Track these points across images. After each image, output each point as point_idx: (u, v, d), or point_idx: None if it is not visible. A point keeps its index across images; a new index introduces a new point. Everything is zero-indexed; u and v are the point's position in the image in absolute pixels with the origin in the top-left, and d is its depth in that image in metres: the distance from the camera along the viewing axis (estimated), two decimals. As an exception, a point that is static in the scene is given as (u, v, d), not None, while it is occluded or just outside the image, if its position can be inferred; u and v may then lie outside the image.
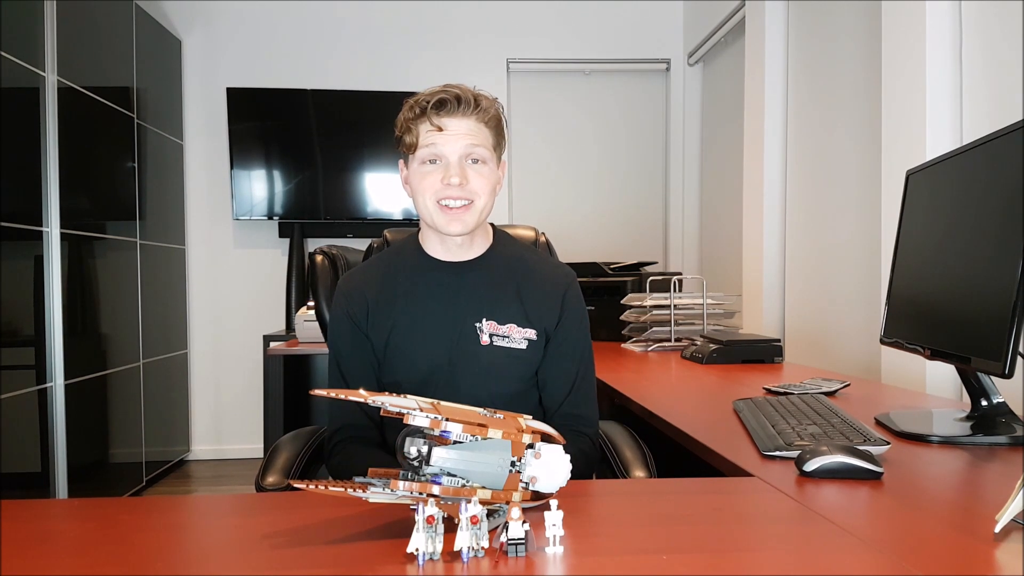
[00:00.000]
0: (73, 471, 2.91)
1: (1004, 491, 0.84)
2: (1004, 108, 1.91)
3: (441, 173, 1.21)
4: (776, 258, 3.18)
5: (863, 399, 1.62)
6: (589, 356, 1.35)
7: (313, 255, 1.67)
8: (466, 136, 1.21)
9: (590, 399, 1.34)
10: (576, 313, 1.33)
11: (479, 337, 1.26)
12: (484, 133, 1.23)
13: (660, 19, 4.43)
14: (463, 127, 1.21)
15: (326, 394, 0.77)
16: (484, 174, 1.23)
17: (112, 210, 3.40)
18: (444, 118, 1.20)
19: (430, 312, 1.27)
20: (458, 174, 1.20)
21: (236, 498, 1.24)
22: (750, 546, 0.79)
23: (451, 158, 1.21)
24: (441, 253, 1.30)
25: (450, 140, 1.20)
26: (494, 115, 1.25)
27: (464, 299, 1.28)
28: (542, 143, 4.43)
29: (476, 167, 1.22)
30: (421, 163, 1.23)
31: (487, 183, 1.23)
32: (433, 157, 1.22)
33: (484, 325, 1.26)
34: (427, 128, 1.21)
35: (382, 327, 1.27)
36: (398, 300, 1.28)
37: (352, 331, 1.28)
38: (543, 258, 1.43)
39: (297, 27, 4.27)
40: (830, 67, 2.82)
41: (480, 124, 1.22)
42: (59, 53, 2.86)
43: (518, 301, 1.29)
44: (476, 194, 1.22)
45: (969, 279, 1.19)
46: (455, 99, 1.20)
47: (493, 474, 0.78)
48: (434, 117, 1.20)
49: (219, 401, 4.29)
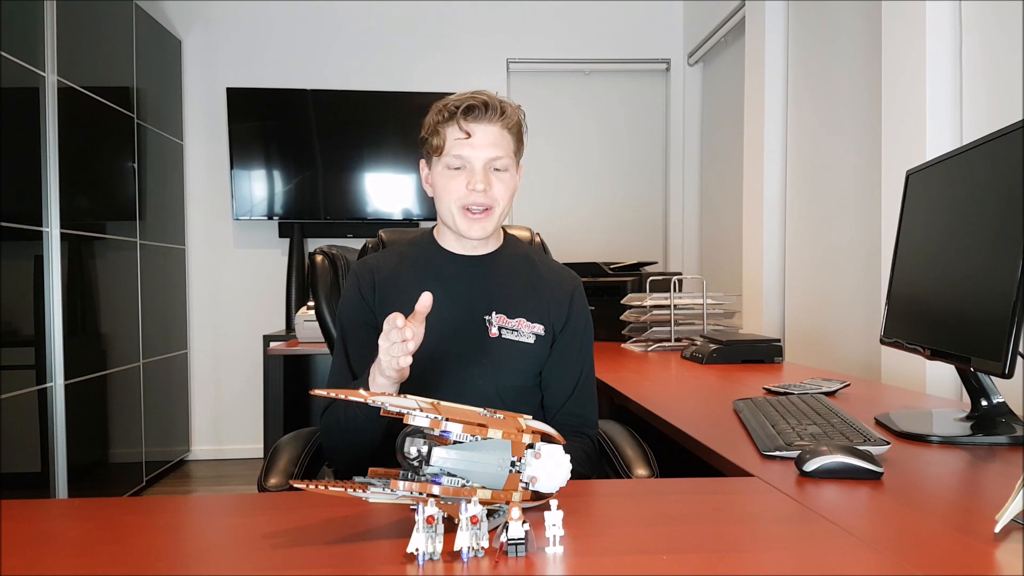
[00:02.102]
0: (73, 471, 2.91)
1: (1004, 491, 0.85)
2: (1004, 108, 1.91)
3: (466, 179, 1.24)
4: (776, 258, 3.18)
5: (863, 399, 1.62)
6: (592, 358, 1.39)
7: (313, 255, 1.68)
8: (492, 146, 1.25)
9: (592, 400, 1.37)
10: (582, 315, 1.37)
11: (488, 329, 1.29)
12: (507, 140, 1.27)
13: (660, 19, 4.43)
14: (489, 134, 1.24)
15: (326, 394, 0.77)
16: (505, 181, 1.27)
17: (112, 210, 3.40)
18: (472, 123, 1.24)
19: (439, 301, 1.28)
20: (483, 181, 1.24)
21: (236, 498, 1.24)
22: (750, 546, 0.79)
23: (476, 165, 1.24)
24: (455, 248, 1.34)
25: (477, 148, 1.24)
26: (517, 122, 1.29)
27: (475, 292, 1.31)
28: (542, 143, 4.42)
29: (498, 175, 1.26)
30: (446, 167, 1.26)
31: (507, 190, 1.27)
32: (459, 163, 1.25)
33: (494, 318, 1.29)
34: (455, 133, 1.24)
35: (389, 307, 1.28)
36: (408, 285, 1.30)
37: (359, 304, 1.31)
38: (548, 260, 1.47)
39: (297, 27, 4.27)
40: (830, 67, 2.82)
41: (504, 131, 1.26)
42: (59, 53, 2.86)
43: (528, 296, 1.33)
44: (497, 201, 1.26)
45: (969, 279, 1.19)
46: (483, 105, 1.24)
47: (493, 474, 0.78)
48: (462, 122, 1.24)
49: (219, 401, 4.29)
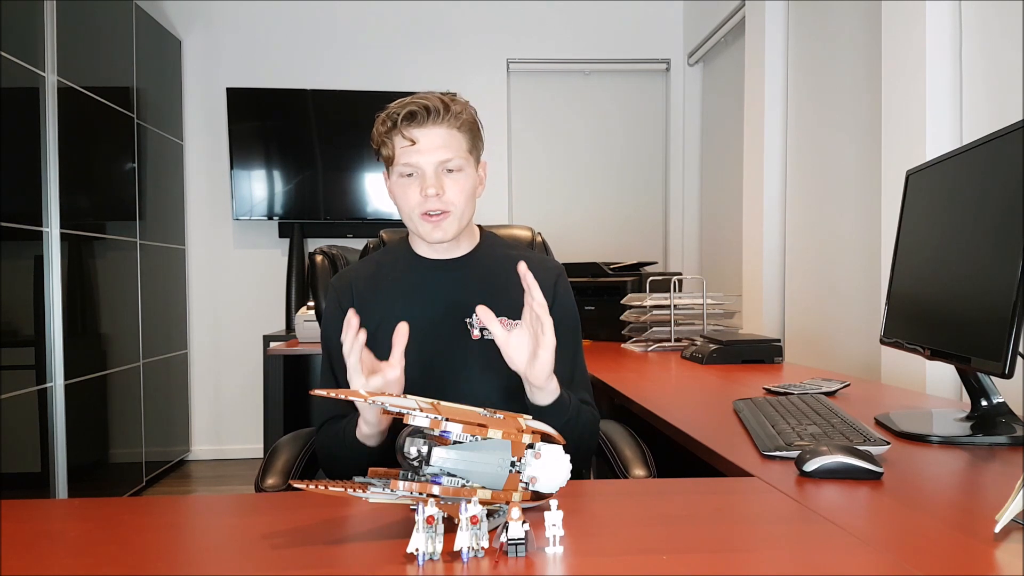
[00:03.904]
0: (73, 471, 2.91)
1: (1004, 491, 0.85)
2: (1004, 108, 1.91)
3: (419, 185, 1.22)
4: (776, 258, 3.18)
5: (863, 399, 1.62)
6: (581, 345, 1.38)
7: (313, 255, 1.68)
8: (440, 148, 1.22)
9: (588, 385, 1.37)
10: (568, 300, 1.36)
11: (470, 332, 1.28)
12: (457, 139, 1.24)
13: (660, 19, 4.43)
14: (436, 137, 1.21)
15: (326, 394, 0.77)
16: (460, 182, 1.24)
17: (112, 210, 3.40)
18: (415, 130, 1.21)
19: (418, 308, 1.28)
20: (434, 185, 1.21)
21: (236, 498, 1.24)
22: (750, 546, 0.79)
23: (427, 170, 1.22)
24: (428, 252, 1.33)
25: (424, 152, 1.21)
26: (467, 119, 1.25)
27: (454, 296, 1.29)
28: (542, 143, 4.43)
29: (452, 176, 1.24)
30: (399, 176, 1.25)
31: (463, 191, 1.25)
32: (409, 171, 1.23)
33: (475, 320, 1.28)
34: (400, 142, 1.22)
35: (370, 320, 1.27)
36: (386, 294, 1.30)
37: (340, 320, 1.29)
38: (530, 253, 1.46)
39: (297, 27, 4.27)
40: (830, 67, 2.82)
41: (452, 130, 1.23)
42: (59, 53, 2.86)
43: (509, 293, 1.27)
44: (452, 204, 1.24)
45: (969, 279, 1.19)
46: (424, 109, 1.20)
47: (493, 474, 0.78)
48: (405, 130, 1.21)
49: (219, 401, 4.29)
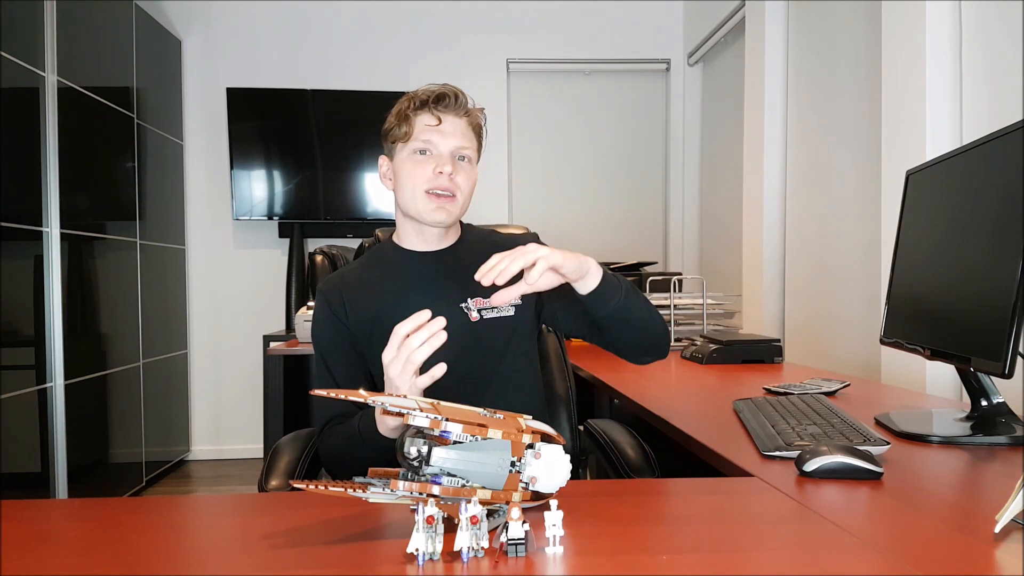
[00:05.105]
0: (73, 471, 2.91)
1: (1004, 491, 0.85)
2: (1004, 108, 1.91)
3: (433, 164, 1.26)
4: (776, 258, 3.18)
5: (863, 399, 1.62)
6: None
7: (313, 255, 1.68)
8: (460, 135, 1.28)
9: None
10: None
11: (468, 315, 1.29)
12: (471, 136, 1.31)
13: (660, 19, 4.43)
14: (458, 125, 1.28)
15: (326, 394, 0.77)
16: (468, 173, 1.30)
17: (112, 210, 3.40)
18: (443, 111, 1.27)
19: (412, 300, 1.28)
20: (450, 165, 1.26)
21: (236, 498, 1.24)
22: (750, 546, 0.79)
23: (444, 150, 1.27)
24: (417, 245, 1.35)
25: (446, 135, 1.27)
26: (479, 124, 1.33)
27: (445, 284, 1.31)
28: (542, 143, 4.43)
29: (463, 164, 1.29)
30: (414, 152, 1.28)
31: (470, 182, 1.30)
32: (426, 148, 1.27)
33: (471, 303, 1.30)
34: (426, 119, 1.27)
35: (363, 318, 1.29)
36: (378, 292, 1.31)
37: (332, 322, 1.31)
38: (507, 234, 1.50)
39: (297, 27, 4.27)
40: (830, 67, 2.82)
41: (469, 127, 1.30)
42: (59, 53, 2.86)
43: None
44: (460, 189, 1.28)
45: (969, 279, 1.19)
46: (454, 96, 1.28)
47: (493, 474, 0.78)
48: (434, 109, 1.27)
49: (219, 401, 4.29)
